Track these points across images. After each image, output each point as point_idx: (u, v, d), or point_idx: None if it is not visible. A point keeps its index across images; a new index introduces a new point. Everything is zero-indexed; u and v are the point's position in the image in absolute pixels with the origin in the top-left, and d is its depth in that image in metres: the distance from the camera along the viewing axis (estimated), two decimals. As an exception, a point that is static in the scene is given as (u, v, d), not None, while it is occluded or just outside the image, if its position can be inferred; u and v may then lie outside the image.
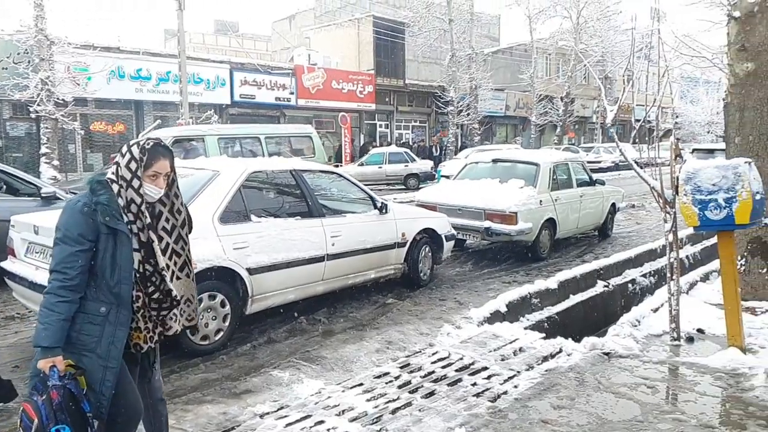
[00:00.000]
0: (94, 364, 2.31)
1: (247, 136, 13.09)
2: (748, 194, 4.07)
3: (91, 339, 2.31)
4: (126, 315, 2.37)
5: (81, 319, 2.31)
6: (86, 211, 2.31)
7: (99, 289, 2.33)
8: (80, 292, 2.29)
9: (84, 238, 2.29)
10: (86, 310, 2.31)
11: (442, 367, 4.13)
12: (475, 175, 9.37)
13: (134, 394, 2.49)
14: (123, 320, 2.36)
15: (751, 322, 4.95)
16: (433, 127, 32.45)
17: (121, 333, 2.36)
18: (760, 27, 5.50)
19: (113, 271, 2.33)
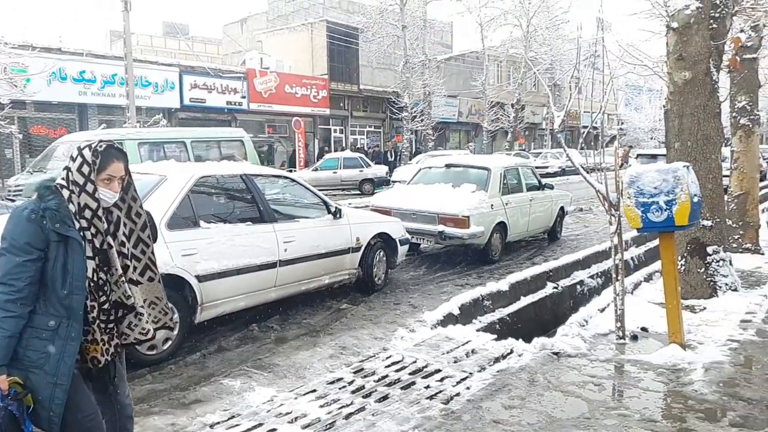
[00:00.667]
0: (42, 381, 2.17)
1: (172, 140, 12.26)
2: (686, 197, 4.25)
3: (38, 355, 2.17)
4: (77, 329, 2.22)
5: (28, 333, 2.16)
6: (34, 218, 2.17)
7: (48, 302, 2.19)
8: (29, 306, 2.15)
9: (32, 247, 2.15)
10: (34, 324, 2.17)
11: (395, 371, 4.13)
12: (429, 180, 9.45)
13: (91, 410, 2.34)
14: (74, 334, 2.21)
15: (691, 319, 5.17)
16: (387, 132, 32.64)
17: (72, 348, 2.21)
18: (696, 37, 5.78)
19: (64, 281, 2.19)
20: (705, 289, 5.93)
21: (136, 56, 20.01)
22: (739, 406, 3.48)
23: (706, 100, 5.87)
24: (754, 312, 5.40)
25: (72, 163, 2.30)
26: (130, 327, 2.42)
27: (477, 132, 37.39)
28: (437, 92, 30.47)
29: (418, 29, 29.90)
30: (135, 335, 2.43)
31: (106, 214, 2.34)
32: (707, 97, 5.87)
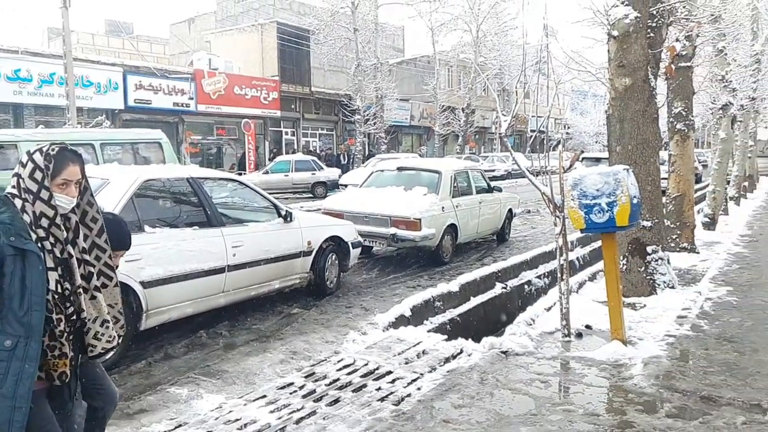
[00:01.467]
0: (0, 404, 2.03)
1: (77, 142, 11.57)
2: (626, 198, 4.43)
3: None
4: (35, 348, 2.07)
5: None
6: None
7: (4, 320, 2.04)
8: None
9: None
10: None
11: (347, 374, 4.12)
12: (381, 183, 9.50)
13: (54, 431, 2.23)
14: (32, 354, 2.06)
15: (632, 316, 5.38)
16: (340, 135, 32.58)
17: (30, 368, 2.06)
18: (636, 46, 6.02)
19: (23, 297, 2.04)
20: (645, 287, 6.18)
21: (77, 55, 19.27)
22: (675, 398, 3.65)
23: (645, 105, 6.13)
24: (689, 308, 5.66)
25: (22, 169, 2.15)
26: (96, 337, 2.28)
27: (429, 135, 37.80)
28: (389, 96, 30.64)
29: (370, 32, 30.00)
30: (103, 344, 2.31)
31: (64, 221, 2.20)
32: (646, 102, 6.13)
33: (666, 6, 6.47)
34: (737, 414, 3.41)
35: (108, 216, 2.75)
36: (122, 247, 2.67)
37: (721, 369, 4.13)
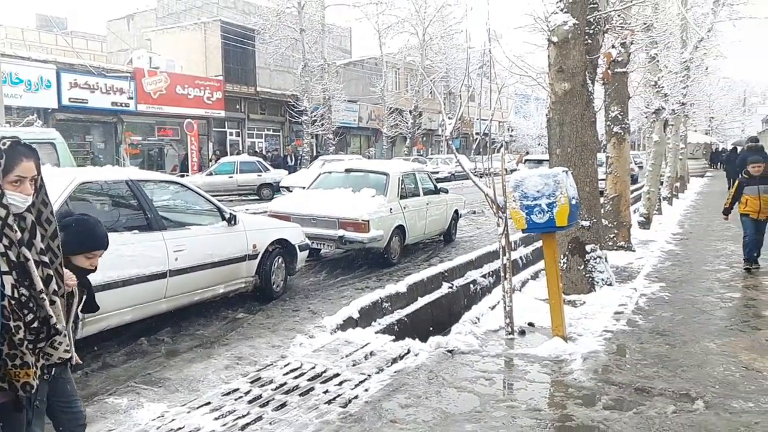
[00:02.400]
0: None
1: None
2: (565, 199, 4.58)
3: None
4: None
5: None
6: None
7: None
8: None
9: None
10: None
11: (294, 378, 4.08)
12: (329, 185, 9.46)
13: None
14: None
15: (572, 313, 5.57)
16: (287, 136, 32.22)
17: None
18: (574, 51, 6.24)
19: None
20: (584, 284, 6.41)
21: (5, 50, 18.27)
22: (612, 391, 3.80)
23: (583, 109, 6.35)
24: (625, 304, 5.91)
25: None
26: (53, 345, 2.14)
27: (377, 137, 37.91)
28: (337, 97, 30.52)
29: (317, 33, 29.81)
30: (60, 354, 2.16)
31: (18, 221, 2.05)
32: (584, 107, 6.36)
33: (602, 14, 6.74)
34: (668, 404, 3.58)
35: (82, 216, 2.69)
36: (100, 247, 2.64)
37: (654, 361, 4.33)
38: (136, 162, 22.71)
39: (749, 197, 7.32)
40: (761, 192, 7.22)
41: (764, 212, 7.26)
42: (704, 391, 3.76)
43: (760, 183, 7.24)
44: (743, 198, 7.40)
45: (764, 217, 7.31)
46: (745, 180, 7.43)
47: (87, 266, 2.61)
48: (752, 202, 7.29)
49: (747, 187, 7.35)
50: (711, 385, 3.88)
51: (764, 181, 7.25)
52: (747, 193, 7.35)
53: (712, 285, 6.84)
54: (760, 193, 7.22)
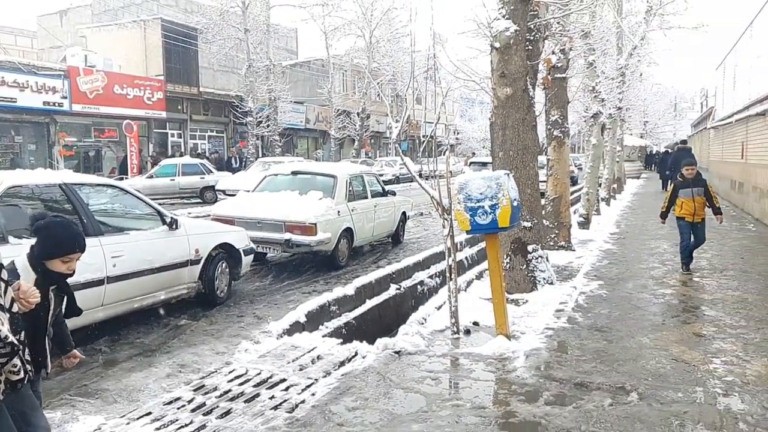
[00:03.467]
0: None
1: None
2: (507, 201, 4.70)
3: None
4: None
5: None
6: None
7: None
8: None
9: None
10: None
11: (239, 385, 4.01)
12: (275, 188, 9.34)
13: None
14: None
15: (515, 311, 5.71)
16: (231, 137, 31.61)
17: None
18: (516, 57, 6.40)
19: None
20: (527, 283, 6.59)
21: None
22: (553, 386, 3.92)
23: (525, 114, 6.53)
24: (566, 302, 6.11)
25: None
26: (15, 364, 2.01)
27: (325, 139, 37.75)
28: (283, 98, 30.19)
29: (262, 33, 29.40)
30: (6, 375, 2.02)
31: None
32: (525, 111, 6.54)
33: (542, 21, 6.96)
34: (605, 397, 3.73)
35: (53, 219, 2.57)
36: (76, 249, 2.53)
37: (593, 357, 4.50)
38: (71, 164, 21.72)
39: (684, 200, 7.43)
40: (695, 194, 7.35)
41: (699, 215, 7.39)
42: (638, 384, 3.93)
43: (694, 186, 7.38)
44: (679, 201, 7.51)
45: (699, 220, 7.42)
46: (680, 183, 7.54)
47: (64, 270, 2.51)
48: (687, 204, 7.41)
49: (682, 189, 7.47)
50: (644, 377, 4.07)
51: (698, 183, 7.42)
52: (682, 196, 7.46)
53: (647, 282, 7.17)
54: (694, 196, 7.35)
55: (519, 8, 6.31)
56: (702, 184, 7.48)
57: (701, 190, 7.41)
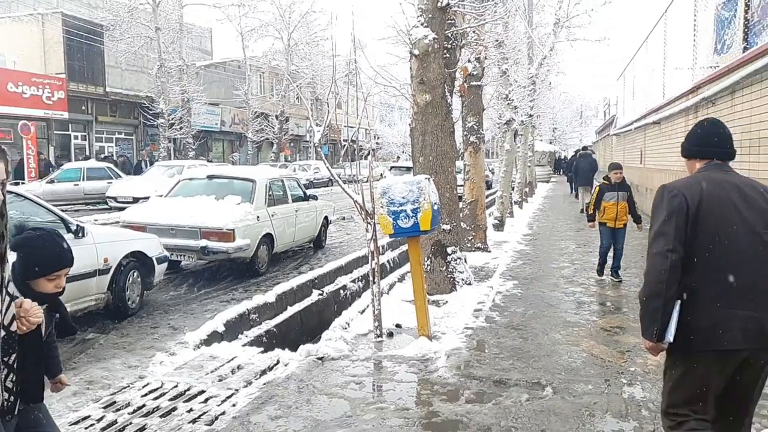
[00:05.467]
0: None
1: None
2: (428, 205, 4.79)
3: None
4: None
5: None
6: None
7: None
8: None
9: None
10: None
11: (154, 399, 3.81)
12: (189, 192, 8.99)
13: None
14: None
15: (436, 312, 5.82)
16: (141, 140, 30.14)
17: None
18: (434, 65, 6.55)
19: None
20: (447, 285, 6.74)
21: None
22: (473, 385, 4.03)
23: (443, 120, 6.69)
24: (483, 302, 6.31)
25: None
26: None
27: (242, 142, 36.85)
28: (197, 99, 29.19)
29: (174, 32, 28.28)
30: None
31: None
32: (444, 117, 6.70)
33: (459, 30, 7.16)
34: (522, 392, 3.88)
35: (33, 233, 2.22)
36: (64, 265, 2.20)
37: (510, 354, 4.67)
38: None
39: (607, 204, 7.40)
40: (620, 199, 7.37)
41: (621, 220, 7.42)
42: (552, 379, 4.12)
43: (620, 190, 7.41)
44: (602, 205, 7.39)
45: (621, 225, 7.45)
46: (605, 187, 7.41)
47: (52, 290, 2.19)
48: (610, 209, 7.38)
49: (608, 193, 7.42)
50: (558, 372, 4.27)
51: (623, 188, 7.46)
52: (607, 200, 7.40)
53: (558, 281, 7.54)
54: (618, 200, 7.36)
55: (437, 17, 6.47)
56: (626, 190, 7.48)
57: (625, 195, 7.40)
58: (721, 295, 2.27)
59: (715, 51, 9.16)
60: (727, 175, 2.45)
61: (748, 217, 2.31)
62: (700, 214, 2.30)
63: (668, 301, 2.28)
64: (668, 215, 2.32)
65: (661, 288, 2.27)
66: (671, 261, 2.27)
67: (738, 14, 7.85)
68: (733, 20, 8.15)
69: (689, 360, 2.32)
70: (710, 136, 2.56)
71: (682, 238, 2.29)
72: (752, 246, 2.29)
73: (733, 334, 2.23)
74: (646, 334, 2.34)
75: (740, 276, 2.27)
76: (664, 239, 2.30)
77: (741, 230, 2.30)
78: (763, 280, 2.28)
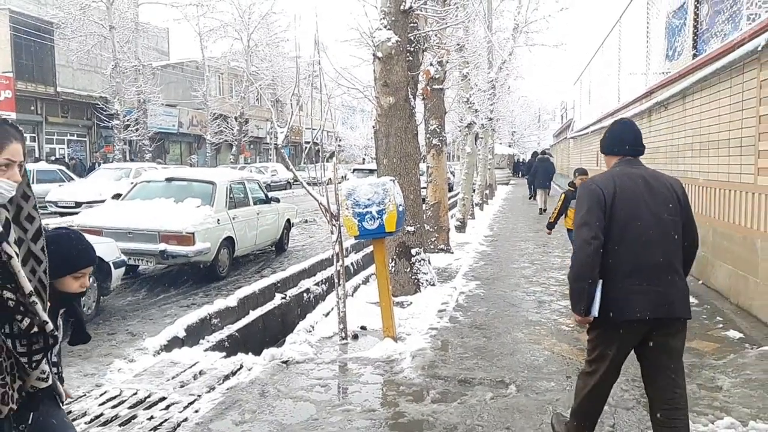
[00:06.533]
0: None
1: None
2: (393, 206, 4.80)
3: None
4: None
5: None
6: None
7: None
8: None
9: None
10: None
11: (112, 407, 3.69)
12: (147, 195, 8.78)
13: None
14: None
15: (401, 314, 5.83)
16: (95, 141, 29.24)
17: None
18: (397, 67, 6.57)
19: None
20: (411, 286, 6.77)
21: None
22: (438, 385, 4.05)
23: (407, 122, 6.72)
24: (447, 302, 6.36)
25: None
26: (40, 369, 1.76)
27: (200, 144, 36.20)
28: (154, 100, 28.53)
29: (129, 32, 27.60)
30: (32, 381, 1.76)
31: None
32: (407, 120, 6.73)
33: (421, 33, 7.21)
34: (487, 391, 3.93)
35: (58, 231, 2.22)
36: (91, 262, 2.19)
37: (474, 354, 4.72)
38: None
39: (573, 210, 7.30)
40: None
41: None
42: (516, 377, 4.19)
43: None
44: (568, 211, 7.32)
45: None
46: (570, 193, 7.30)
47: (77, 289, 2.16)
48: None
49: (573, 200, 7.25)
50: (521, 370, 4.34)
51: None
52: (573, 206, 7.25)
53: (519, 281, 7.67)
54: None
55: (400, 20, 6.50)
56: None
57: None
58: (632, 273, 2.62)
59: (667, 57, 9.51)
60: (637, 169, 2.81)
61: (653, 205, 2.67)
62: (614, 205, 2.65)
63: (592, 282, 2.63)
64: (589, 207, 2.68)
65: (585, 271, 2.64)
66: (593, 247, 2.62)
67: (688, 23, 8.17)
68: (683, 28, 8.49)
69: (606, 327, 2.70)
70: (622, 136, 2.91)
71: (602, 227, 2.63)
72: (657, 230, 2.64)
73: (641, 306, 2.59)
74: (576, 310, 2.71)
75: (648, 257, 2.62)
76: (588, 228, 2.65)
77: (648, 217, 2.64)
78: (667, 259, 2.64)
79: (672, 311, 2.62)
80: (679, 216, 2.71)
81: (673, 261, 2.67)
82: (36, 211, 1.82)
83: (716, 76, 6.45)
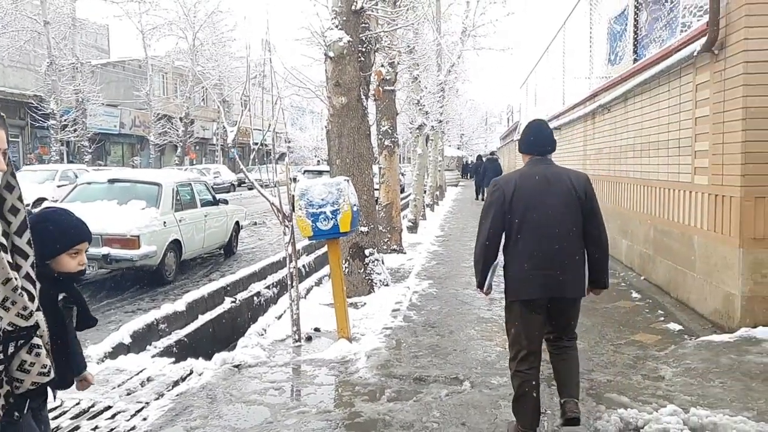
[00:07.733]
0: None
1: None
2: (348, 206, 4.78)
3: None
4: None
5: None
6: None
7: None
8: None
9: None
10: None
11: (53, 418, 3.50)
12: (88, 197, 8.43)
13: None
14: None
15: (355, 314, 5.81)
16: (29, 143, 27.81)
17: None
18: (349, 67, 6.55)
19: None
20: (365, 286, 6.76)
21: None
22: (394, 383, 4.05)
23: (359, 123, 6.71)
24: (401, 302, 6.38)
25: None
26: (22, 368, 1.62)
27: (143, 145, 35.03)
28: (93, 100, 27.40)
29: (66, 27, 26.41)
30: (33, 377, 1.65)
31: None
32: (360, 120, 6.72)
33: (372, 34, 7.22)
34: (442, 388, 3.95)
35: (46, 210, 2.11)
36: (86, 237, 2.08)
37: (428, 352, 4.75)
38: None
39: None
40: None
41: None
42: (470, 373, 4.23)
43: None
44: None
45: None
46: None
47: (75, 267, 2.04)
48: None
49: None
50: (474, 367, 4.39)
51: None
52: None
53: (470, 279, 7.77)
54: None
55: (351, 20, 6.48)
56: None
57: None
58: (528, 260, 2.99)
59: (609, 61, 9.87)
60: (544, 167, 3.10)
61: (549, 199, 2.99)
62: (513, 201, 3.01)
63: (485, 266, 3.12)
64: (488, 205, 3.10)
65: (480, 257, 3.13)
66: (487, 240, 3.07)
67: (628, 28, 8.51)
68: (624, 34, 8.83)
69: (511, 306, 3.16)
70: (533, 136, 3.18)
71: (499, 222, 3.04)
72: (552, 221, 2.98)
73: (534, 288, 3.00)
74: (477, 284, 3.22)
75: (544, 245, 2.98)
76: (484, 224, 3.09)
77: (542, 211, 2.98)
78: (561, 246, 2.98)
79: (562, 291, 3.00)
80: (578, 208, 3.01)
81: (568, 248, 3.00)
82: (21, 202, 1.69)
83: (655, 79, 6.74)
